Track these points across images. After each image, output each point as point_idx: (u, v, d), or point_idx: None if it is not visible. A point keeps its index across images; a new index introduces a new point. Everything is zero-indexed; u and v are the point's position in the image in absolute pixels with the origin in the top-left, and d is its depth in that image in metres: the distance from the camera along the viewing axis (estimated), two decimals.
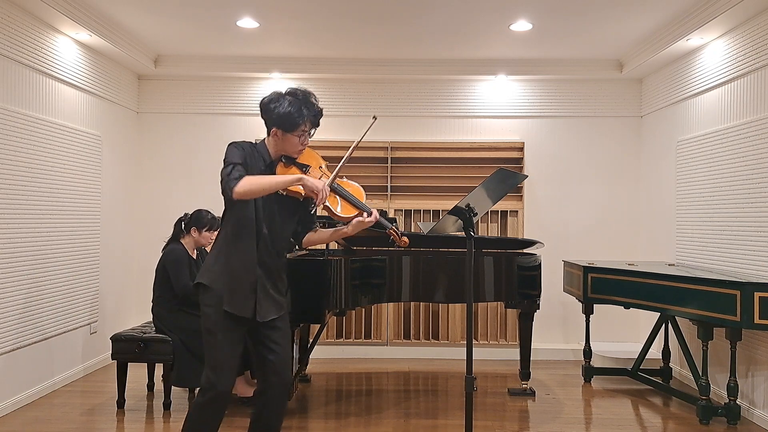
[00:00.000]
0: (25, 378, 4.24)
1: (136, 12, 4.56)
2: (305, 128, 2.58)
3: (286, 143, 2.59)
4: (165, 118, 5.93)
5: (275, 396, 2.63)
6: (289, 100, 2.55)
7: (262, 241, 2.57)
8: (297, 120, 2.53)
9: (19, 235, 4.13)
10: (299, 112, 2.54)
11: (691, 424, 4.00)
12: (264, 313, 2.58)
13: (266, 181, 2.46)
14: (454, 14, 4.52)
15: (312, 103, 2.59)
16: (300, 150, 2.62)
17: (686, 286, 3.97)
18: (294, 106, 2.54)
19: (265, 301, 2.58)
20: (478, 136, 5.93)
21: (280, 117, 2.54)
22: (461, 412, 4.09)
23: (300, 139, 2.58)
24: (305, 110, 2.56)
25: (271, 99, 2.59)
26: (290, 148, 2.60)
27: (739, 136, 4.29)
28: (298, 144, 2.59)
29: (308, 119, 2.57)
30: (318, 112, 2.61)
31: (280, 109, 2.54)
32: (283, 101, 2.55)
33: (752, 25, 4.15)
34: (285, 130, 2.55)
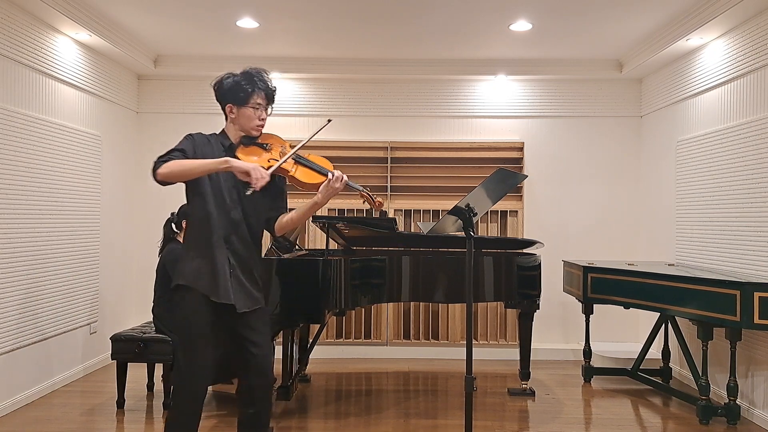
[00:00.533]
0: (25, 378, 4.24)
1: (136, 12, 4.56)
2: (259, 101, 2.55)
3: (242, 119, 2.57)
4: (165, 118, 5.93)
5: (260, 394, 2.60)
6: (239, 75, 2.56)
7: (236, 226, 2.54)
8: (247, 89, 2.52)
9: (19, 235, 4.13)
10: (249, 82, 2.53)
11: (690, 424, 4.00)
12: (239, 304, 2.53)
13: (190, 164, 2.40)
14: (454, 14, 4.52)
15: (263, 78, 2.57)
16: (258, 126, 2.59)
17: (686, 286, 3.97)
18: (244, 78, 2.54)
19: (239, 291, 2.54)
20: (478, 136, 5.93)
21: (230, 89, 2.54)
22: (461, 412, 4.08)
23: (255, 112, 2.55)
24: (256, 81, 2.54)
25: (221, 77, 2.58)
26: (247, 123, 2.57)
27: (739, 136, 4.29)
28: (254, 117, 2.56)
29: (261, 90, 2.55)
30: (270, 86, 2.59)
31: (230, 82, 2.54)
32: (232, 77, 2.57)
33: (752, 25, 4.15)
34: (237, 103, 2.54)
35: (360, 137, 5.90)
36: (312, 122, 5.86)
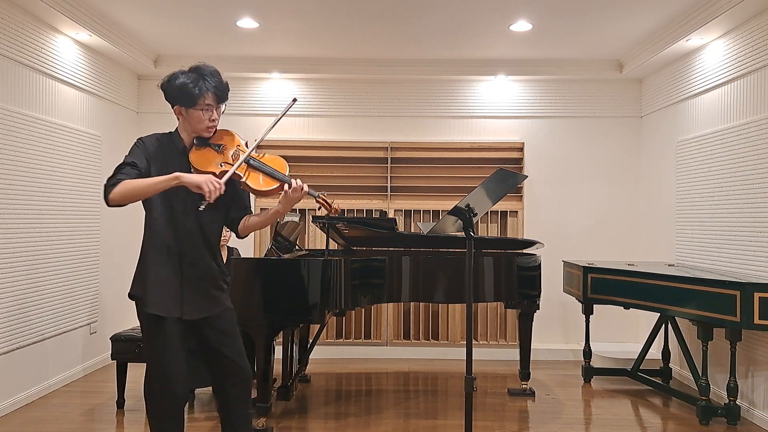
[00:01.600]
0: (25, 378, 4.24)
1: (136, 12, 4.56)
2: (208, 101, 2.44)
3: (191, 120, 2.46)
4: (165, 118, 5.85)
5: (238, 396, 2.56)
6: (187, 75, 2.44)
7: (188, 236, 2.47)
8: (194, 91, 2.40)
9: (19, 235, 4.13)
10: (195, 83, 2.41)
11: (690, 425, 4.00)
12: (191, 312, 2.47)
13: (141, 185, 2.33)
14: (454, 14, 4.52)
15: (213, 76, 2.45)
16: (209, 127, 2.48)
17: (686, 287, 3.97)
18: (189, 78, 2.42)
19: (194, 298, 2.47)
20: (478, 137, 5.93)
21: (177, 91, 2.42)
22: (461, 412, 4.09)
23: (204, 113, 2.44)
24: (204, 82, 2.42)
25: (169, 76, 2.46)
26: (197, 125, 2.46)
27: (739, 136, 4.29)
28: (203, 119, 2.45)
29: (209, 91, 2.43)
30: (220, 85, 2.46)
31: (176, 83, 2.42)
32: (180, 75, 2.44)
33: (752, 26, 4.15)
34: (185, 105, 2.44)
35: (360, 137, 5.90)
36: (312, 122, 5.86)
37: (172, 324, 2.45)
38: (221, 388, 2.57)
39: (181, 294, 2.46)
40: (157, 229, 2.46)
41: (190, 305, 2.47)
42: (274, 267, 3.69)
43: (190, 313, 2.47)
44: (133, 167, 2.40)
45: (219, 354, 2.53)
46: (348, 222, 4.49)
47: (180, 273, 2.47)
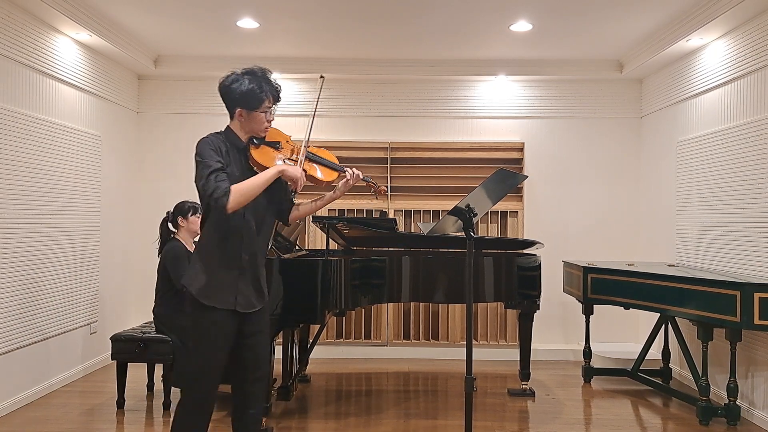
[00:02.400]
0: (25, 378, 4.24)
1: (136, 12, 4.56)
2: (268, 104, 2.58)
3: (252, 122, 2.58)
4: (165, 118, 5.93)
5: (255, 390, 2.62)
6: (248, 78, 2.55)
7: (248, 233, 2.57)
8: (260, 96, 2.53)
9: (19, 235, 4.13)
10: (261, 88, 2.54)
11: (690, 425, 4.00)
12: (244, 305, 2.56)
13: (253, 186, 2.44)
14: (454, 14, 4.52)
15: (270, 79, 2.59)
16: (266, 127, 2.62)
17: (686, 287, 3.97)
18: (255, 83, 2.54)
19: (246, 291, 2.57)
20: (478, 137, 5.93)
21: (243, 95, 2.53)
22: (461, 412, 4.09)
23: (265, 115, 2.58)
24: (266, 86, 2.56)
25: (231, 80, 2.56)
26: (257, 126, 2.59)
27: (739, 136, 4.29)
28: (263, 121, 2.58)
29: (270, 94, 2.57)
30: (278, 87, 2.61)
31: (242, 88, 2.53)
32: (243, 80, 2.54)
33: (752, 26, 4.15)
34: (249, 108, 2.55)
35: (360, 137, 5.90)
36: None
37: (223, 316, 2.53)
38: (239, 386, 2.63)
39: (236, 286, 2.55)
40: (222, 222, 2.54)
41: (243, 297, 2.57)
42: (274, 267, 3.69)
43: (242, 305, 2.57)
44: (223, 171, 2.46)
45: (246, 350, 2.60)
46: (348, 222, 4.49)
47: (239, 266, 2.56)
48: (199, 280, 2.53)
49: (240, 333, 2.59)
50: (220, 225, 2.54)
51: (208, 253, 2.56)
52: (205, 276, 2.53)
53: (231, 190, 2.39)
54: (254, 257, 2.60)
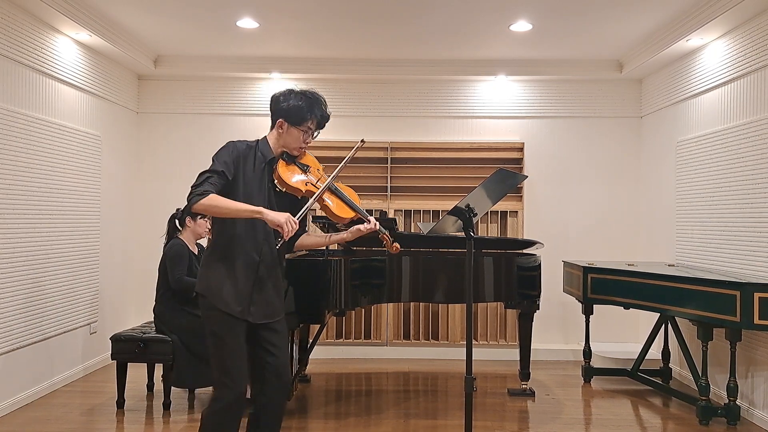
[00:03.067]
0: (25, 378, 4.24)
1: (136, 12, 4.56)
2: (311, 125, 2.60)
3: (288, 137, 2.60)
4: (165, 118, 5.93)
5: (275, 399, 2.61)
6: (300, 97, 2.60)
7: (265, 241, 2.56)
8: (305, 114, 2.57)
9: (19, 235, 4.13)
10: (309, 108, 2.58)
11: (690, 425, 4.00)
12: (259, 316, 2.56)
13: (225, 207, 2.42)
14: (454, 14, 4.52)
15: (322, 106, 2.63)
16: (301, 149, 2.64)
17: (686, 287, 3.97)
18: (305, 102, 2.59)
19: (262, 302, 2.56)
20: (478, 137, 5.93)
21: (289, 108, 2.57)
22: (461, 412, 4.09)
23: (303, 135, 2.60)
24: (315, 108, 2.60)
25: (283, 93, 2.63)
26: (292, 143, 2.61)
27: (739, 136, 4.29)
28: (300, 140, 2.61)
29: (315, 118, 2.60)
30: (325, 115, 2.65)
31: (291, 102, 2.58)
32: (295, 96, 2.60)
33: (752, 26, 4.15)
34: (291, 122, 2.58)
35: (360, 137, 5.88)
36: None
37: (240, 323, 2.53)
38: (261, 391, 2.61)
39: (251, 297, 2.54)
40: (238, 230, 2.53)
41: (258, 308, 2.56)
42: None
43: (256, 316, 2.55)
44: (221, 177, 2.48)
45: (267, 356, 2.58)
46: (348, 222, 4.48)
47: (255, 276, 2.55)
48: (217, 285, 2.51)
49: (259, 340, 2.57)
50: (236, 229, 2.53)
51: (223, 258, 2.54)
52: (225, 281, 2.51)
53: (206, 196, 2.40)
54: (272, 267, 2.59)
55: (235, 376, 2.50)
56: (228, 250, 2.54)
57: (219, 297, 2.51)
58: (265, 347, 2.58)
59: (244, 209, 2.44)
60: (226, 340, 2.51)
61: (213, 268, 2.55)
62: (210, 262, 2.58)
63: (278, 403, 2.63)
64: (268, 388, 2.59)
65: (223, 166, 2.49)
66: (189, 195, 2.43)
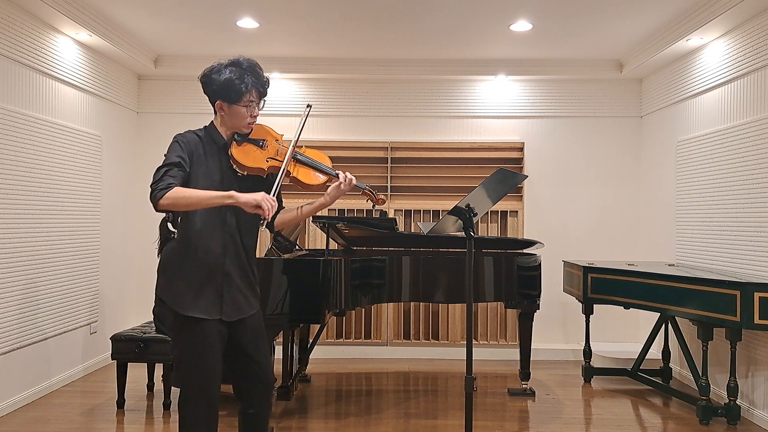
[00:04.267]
0: (25, 378, 4.24)
1: (136, 12, 4.56)
2: (251, 97, 2.41)
3: (233, 117, 2.41)
4: (165, 118, 5.93)
5: (260, 398, 2.51)
6: (230, 69, 2.41)
7: (230, 237, 2.39)
8: (240, 87, 2.37)
9: (19, 235, 4.13)
10: (241, 79, 2.38)
11: (690, 425, 4.00)
12: (232, 313, 2.40)
13: (193, 197, 2.24)
14: (454, 14, 4.52)
15: (257, 72, 2.44)
16: (250, 123, 2.44)
17: (686, 287, 3.97)
18: (235, 74, 2.39)
19: (231, 299, 2.40)
20: (478, 137, 5.93)
21: (222, 86, 2.38)
22: (461, 412, 4.09)
23: (247, 110, 2.40)
24: (249, 77, 2.40)
25: (211, 69, 2.42)
26: (238, 121, 2.42)
27: (738, 136, 4.29)
28: (246, 116, 2.41)
29: (253, 87, 2.40)
30: (264, 81, 2.45)
31: (221, 78, 2.38)
32: (223, 70, 2.40)
33: (752, 26, 4.15)
34: (229, 101, 2.39)
35: (360, 137, 5.90)
36: (312, 122, 5.86)
37: (211, 325, 2.37)
38: (245, 390, 2.51)
39: (221, 295, 2.38)
40: (198, 228, 2.37)
41: (229, 306, 2.41)
42: (275, 267, 3.69)
43: (229, 314, 2.41)
44: (179, 168, 2.30)
45: (247, 356, 2.47)
46: (348, 222, 4.49)
47: (221, 273, 2.38)
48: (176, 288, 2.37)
49: (238, 342, 2.44)
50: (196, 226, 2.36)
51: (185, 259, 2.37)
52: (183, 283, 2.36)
53: (170, 189, 2.21)
54: (239, 259, 2.42)
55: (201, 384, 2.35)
56: (189, 249, 2.37)
57: (184, 302, 2.35)
58: (246, 352, 2.46)
59: (215, 195, 2.25)
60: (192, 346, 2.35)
61: (175, 271, 2.39)
62: (171, 265, 2.43)
63: (265, 407, 2.55)
64: (254, 394, 2.50)
65: (180, 159, 2.31)
66: (151, 192, 2.22)
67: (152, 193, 2.22)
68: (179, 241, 2.43)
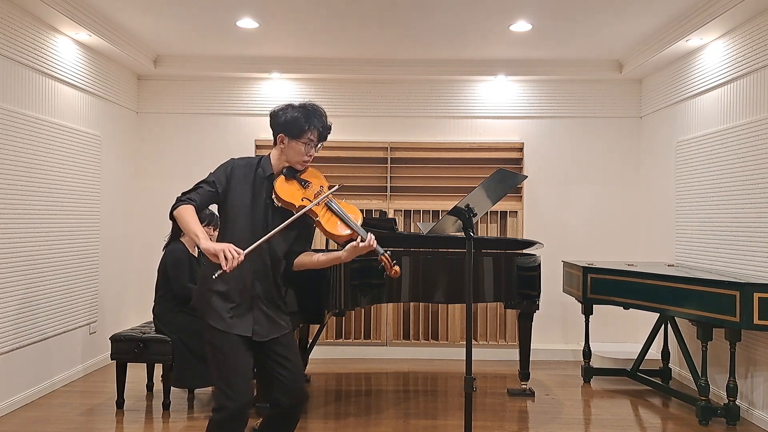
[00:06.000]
0: (24, 378, 4.24)
1: (136, 12, 4.56)
2: (311, 137, 2.56)
3: (290, 151, 2.57)
4: (165, 118, 5.93)
5: (294, 407, 2.59)
6: (298, 109, 2.58)
7: (260, 257, 2.50)
8: (304, 125, 2.54)
9: (19, 235, 4.13)
10: (307, 119, 2.55)
11: (690, 425, 4.00)
12: (263, 334, 2.52)
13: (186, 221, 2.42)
14: (454, 15, 4.52)
15: (321, 117, 2.59)
16: (304, 162, 2.59)
17: (685, 287, 3.97)
18: (302, 114, 2.56)
19: (263, 321, 2.52)
20: (477, 137, 5.93)
21: (287, 121, 2.56)
22: (460, 412, 4.09)
23: (305, 148, 2.56)
24: (314, 119, 2.57)
25: (281, 107, 2.62)
26: (294, 156, 2.57)
27: (738, 136, 4.29)
28: (303, 153, 2.56)
29: (315, 128, 2.57)
30: (326, 126, 2.61)
31: (288, 115, 2.57)
32: (293, 109, 2.59)
33: (752, 26, 4.15)
34: (291, 136, 2.55)
35: (360, 137, 5.91)
36: None
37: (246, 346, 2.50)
38: (277, 401, 2.58)
39: (252, 315, 2.51)
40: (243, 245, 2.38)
41: (260, 326, 2.52)
42: None
43: (259, 334, 2.52)
44: (210, 187, 2.52)
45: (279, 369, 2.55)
46: None
47: (252, 294, 2.51)
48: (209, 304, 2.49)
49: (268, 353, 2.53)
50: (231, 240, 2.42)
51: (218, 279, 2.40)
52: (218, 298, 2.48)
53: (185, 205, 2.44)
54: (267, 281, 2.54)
55: (237, 387, 2.45)
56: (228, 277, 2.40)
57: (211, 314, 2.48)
58: (275, 360, 2.54)
59: (195, 230, 2.39)
60: (225, 353, 2.46)
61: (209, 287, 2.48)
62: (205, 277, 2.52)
63: (297, 410, 2.63)
64: (286, 398, 2.55)
65: (215, 178, 2.53)
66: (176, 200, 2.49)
67: (174, 203, 2.48)
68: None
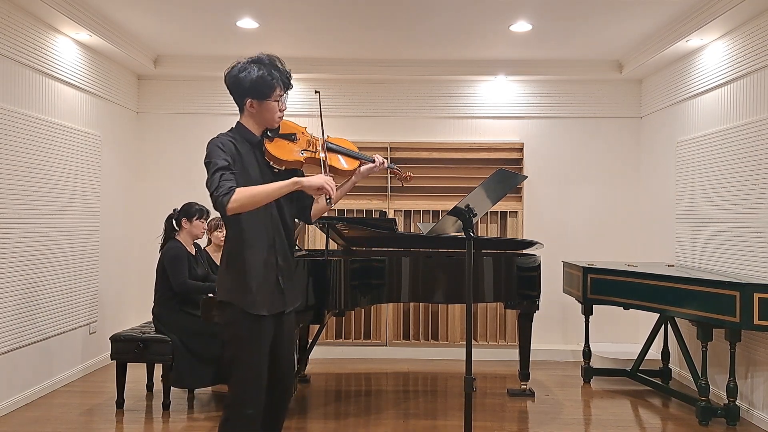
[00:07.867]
0: (24, 378, 4.24)
1: (135, 12, 4.56)
2: (280, 92, 2.44)
3: (264, 113, 2.44)
4: (165, 118, 5.93)
5: (278, 404, 2.54)
6: (257, 66, 2.43)
7: (278, 231, 2.44)
8: (271, 83, 2.41)
9: (19, 235, 4.13)
10: (271, 75, 2.42)
11: (690, 425, 4.00)
12: (292, 300, 2.52)
13: (261, 193, 2.26)
14: (454, 15, 4.52)
15: (279, 66, 2.48)
16: (280, 117, 2.48)
17: (685, 287, 3.97)
18: (264, 70, 2.43)
19: (289, 288, 2.49)
20: (477, 137, 5.93)
21: (253, 84, 2.40)
22: (460, 412, 4.09)
23: (278, 104, 2.44)
24: (276, 72, 2.44)
25: (238, 69, 2.44)
26: (269, 116, 2.44)
27: (738, 137, 4.29)
28: (276, 110, 2.44)
29: (281, 81, 2.45)
30: (288, 73, 2.49)
31: (251, 76, 2.41)
32: (251, 68, 2.43)
33: (752, 27, 4.15)
34: (260, 98, 2.41)
35: (360, 137, 5.90)
36: (312, 122, 5.83)
37: (267, 324, 2.41)
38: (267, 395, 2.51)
39: (281, 287, 2.45)
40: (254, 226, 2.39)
41: (289, 296, 2.49)
42: None
43: (291, 303, 2.51)
44: (231, 171, 2.29)
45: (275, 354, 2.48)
46: (348, 222, 4.49)
47: (276, 267, 2.44)
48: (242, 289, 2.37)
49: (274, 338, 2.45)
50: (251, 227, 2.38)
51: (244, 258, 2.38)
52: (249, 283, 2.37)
53: (235, 191, 2.21)
54: (285, 251, 2.47)
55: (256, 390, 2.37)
56: (243, 251, 2.38)
57: (246, 299, 2.36)
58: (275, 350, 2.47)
59: (283, 185, 2.28)
60: (252, 347, 2.37)
61: (233, 273, 2.39)
62: (228, 268, 2.41)
63: (281, 407, 2.57)
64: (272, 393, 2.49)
65: (225, 161, 2.30)
66: (215, 202, 2.22)
67: (217, 201, 2.22)
68: (232, 241, 2.43)
